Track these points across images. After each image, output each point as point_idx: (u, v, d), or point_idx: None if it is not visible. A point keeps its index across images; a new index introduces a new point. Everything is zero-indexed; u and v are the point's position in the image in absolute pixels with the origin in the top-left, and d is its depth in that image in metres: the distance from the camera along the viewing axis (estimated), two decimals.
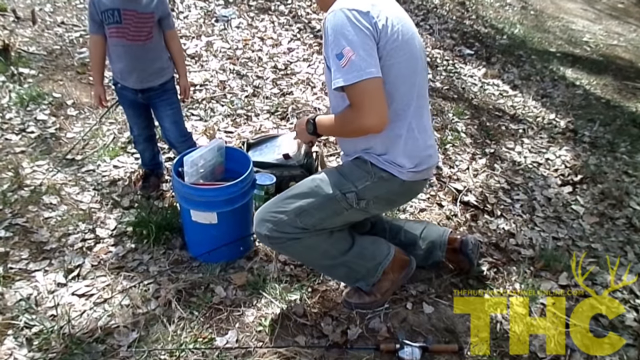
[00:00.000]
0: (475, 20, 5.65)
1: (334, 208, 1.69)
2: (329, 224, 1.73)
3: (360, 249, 1.83)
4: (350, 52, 1.47)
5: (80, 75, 3.44)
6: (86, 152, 2.77)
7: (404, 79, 1.61)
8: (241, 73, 3.72)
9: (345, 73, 1.48)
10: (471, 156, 3.15)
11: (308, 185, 1.72)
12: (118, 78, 2.24)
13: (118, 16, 2.05)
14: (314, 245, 1.74)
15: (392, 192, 1.72)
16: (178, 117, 2.38)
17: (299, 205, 1.67)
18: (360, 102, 1.52)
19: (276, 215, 1.68)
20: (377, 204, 1.73)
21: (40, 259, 2.07)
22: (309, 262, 1.81)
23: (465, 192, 2.75)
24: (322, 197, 1.68)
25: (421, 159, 1.70)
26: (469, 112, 3.68)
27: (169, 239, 2.21)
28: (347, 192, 1.67)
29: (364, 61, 1.48)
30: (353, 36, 1.48)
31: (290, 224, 1.67)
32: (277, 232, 1.68)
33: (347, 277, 1.89)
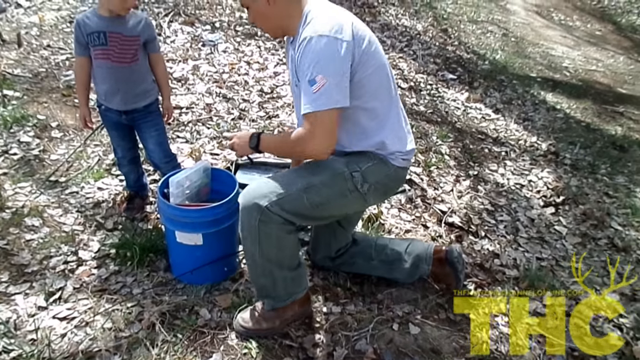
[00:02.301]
0: (457, 46, 5.79)
1: (340, 186, 1.71)
2: (330, 208, 1.75)
3: (299, 273, 1.85)
4: (323, 79, 1.55)
5: (66, 98, 3.44)
6: (70, 174, 2.75)
7: (381, 81, 1.74)
8: (227, 96, 3.75)
9: (314, 100, 1.56)
10: (455, 178, 3.20)
11: (317, 162, 1.73)
12: (102, 100, 2.25)
13: (104, 38, 2.08)
14: (288, 245, 1.73)
15: (389, 177, 1.80)
16: (162, 139, 2.38)
17: (308, 180, 1.68)
18: (315, 130, 1.61)
19: (281, 190, 1.65)
20: (376, 192, 1.79)
21: (20, 282, 2.03)
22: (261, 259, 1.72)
23: (450, 213, 2.78)
24: (330, 173, 1.71)
25: (407, 145, 1.83)
26: (453, 135, 3.75)
27: (153, 261, 2.19)
28: (354, 172, 1.73)
29: (334, 90, 1.57)
30: (329, 64, 1.56)
31: (296, 200, 1.65)
32: (277, 208, 1.63)
33: (263, 289, 1.84)
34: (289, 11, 1.69)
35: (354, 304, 2.05)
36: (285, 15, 1.70)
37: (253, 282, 1.89)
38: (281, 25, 1.74)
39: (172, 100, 3.48)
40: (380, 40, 5.24)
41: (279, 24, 1.73)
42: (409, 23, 6.04)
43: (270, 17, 1.71)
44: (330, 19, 1.60)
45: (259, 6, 1.69)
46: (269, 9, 1.68)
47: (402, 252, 2.09)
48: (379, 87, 1.72)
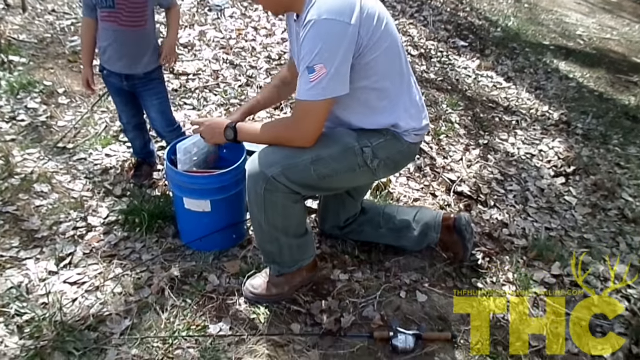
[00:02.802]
0: (469, 13, 5.65)
1: (349, 161, 1.68)
2: (338, 181, 1.72)
3: (305, 241, 1.84)
4: (323, 69, 1.47)
5: (72, 64, 3.40)
6: (78, 141, 2.74)
7: (393, 60, 1.65)
8: (235, 63, 3.69)
9: (310, 89, 1.51)
10: (465, 147, 3.16)
11: (328, 136, 1.68)
12: (105, 63, 2.21)
13: (112, 1, 2.03)
14: (294, 214, 1.72)
15: (401, 152, 1.76)
16: (165, 107, 2.34)
17: (317, 153, 1.63)
18: (304, 118, 1.58)
19: (288, 160, 1.61)
20: (386, 167, 1.76)
21: (31, 247, 2.05)
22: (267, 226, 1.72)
23: (459, 183, 2.75)
24: (341, 147, 1.66)
25: (422, 122, 1.77)
26: (463, 104, 3.69)
27: (162, 228, 2.19)
28: (365, 147, 1.68)
29: (333, 80, 1.50)
30: (331, 53, 1.47)
31: (303, 171, 1.62)
32: (283, 177, 1.61)
33: (270, 255, 1.84)
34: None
35: (362, 271, 2.06)
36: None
37: (260, 247, 1.90)
38: (285, 3, 1.63)
39: (179, 66, 3.47)
40: (390, 5, 5.17)
41: (282, 2, 1.63)
42: None
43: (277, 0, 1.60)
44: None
45: None
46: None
47: (410, 220, 2.08)
48: (389, 67, 1.65)
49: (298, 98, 1.55)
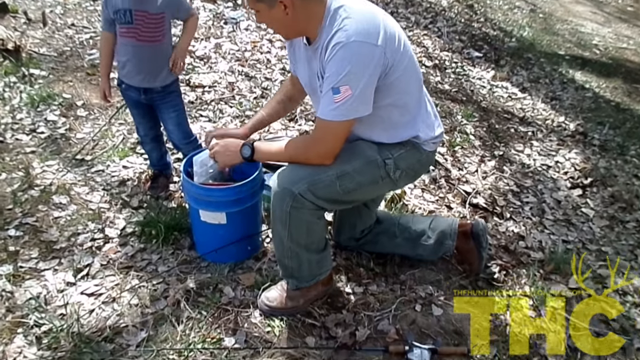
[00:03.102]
0: (483, 23, 5.64)
1: (372, 174, 1.69)
2: (362, 193, 1.73)
3: (324, 255, 1.84)
4: (349, 91, 1.48)
5: (90, 77, 3.46)
6: (96, 153, 2.78)
7: (412, 75, 1.67)
8: (250, 75, 3.73)
9: (334, 109, 1.51)
10: (480, 158, 3.14)
11: (350, 150, 1.68)
12: (123, 77, 2.25)
13: (130, 16, 2.07)
14: (317, 230, 1.73)
15: (420, 161, 1.78)
16: (182, 120, 2.37)
17: (342, 168, 1.64)
18: (325, 138, 1.59)
19: (314, 176, 1.62)
20: (406, 177, 1.78)
21: (49, 258, 2.07)
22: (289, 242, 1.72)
23: (475, 194, 2.74)
24: (365, 161, 1.68)
25: (436, 130, 1.80)
26: (478, 115, 3.67)
27: (178, 239, 2.21)
28: (387, 159, 1.69)
29: (356, 101, 1.51)
30: (358, 75, 1.48)
31: (328, 187, 1.63)
32: (309, 194, 1.61)
33: (288, 269, 1.83)
34: (309, 14, 1.55)
35: (377, 284, 2.05)
36: (304, 18, 1.56)
37: (279, 262, 1.90)
38: (299, 29, 1.62)
39: (195, 78, 3.51)
40: (404, 17, 5.18)
41: (296, 29, 1.61)
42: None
43: (288, 23, 1.58)
44: (363, 19, 1.50)
45: (274, 13, 1.54)
46: (286, 17, 1.54)
47: (425, 229, 2.08)
48: (409, 83, 1.66)
49: (320, 117, 1.56)
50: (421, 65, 4.30)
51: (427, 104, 1.79)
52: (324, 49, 1.54)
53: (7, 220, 2.23)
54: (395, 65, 1.56)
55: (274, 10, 1.53)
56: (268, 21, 1.62)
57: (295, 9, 1.52)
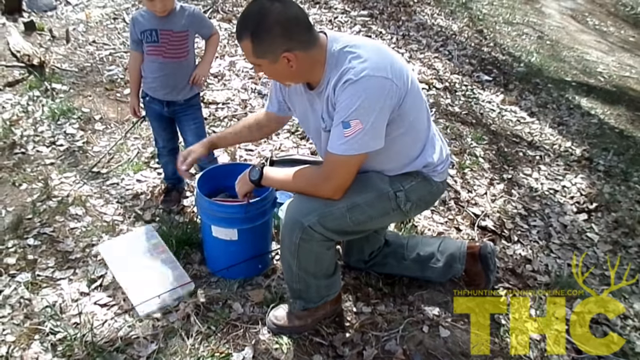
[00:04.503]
0: (493, 48, 5.67)
1: (383, 206, 1.67)
2: (372, 224, 1.72)
3: (333, 279, 1.82)
4: (359, 125, 1.45)
5: (108, 92, 3.52)
6: (111, 166, 2.82)
7: (421, 104, 1.67)
8: (262, 92, 3.76)
9: (344, 143, 1.49)
10: (489, 181, 3.15)
11: (361, 182, 1.65)
12: (149, 90, 2.32)
13: (156, 36, 2.15)
14: (326, 259, 1.72)
15: (431, 193, 1.76)
16: (201, 132, 2.42)
17: (352, 200, 1.61)
18: (335, 172, 1.56)
19: (325, 209, 1.59)
20: (417, 208, 1.77)
21: (65, 268, 2.10)
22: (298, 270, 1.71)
23: (483, 217, 2.74)
24: (376, 193, 1.65)
25: (443, 153, 1.79)
26: (487, 138, 3.68)
27: (189, 254, 2.22)
28: (398, 191, 1.67)
29: (368, 135, 1.48)
30: (369, 110, 1.46)
31: (338, 219, 1.60)
32: (319, 226, 1.59)
33: (297, 291, 1.82)
34: (312, 62, 1.53)
35: (385, 304, 2.04)
36: (308, 67, 1.53)
37: (287, 285, 1.89)
38: (301, 78, 1.60)
39: (209, 95, 3.55)
40: (415, 39, 5.25)
41: (299, 78, 1.60)
42: (444, 23, 5.94)
43: (291, 74, 1.55)
44: (371, 54, 1.49)
45: (277, 67, 1.51)
46: (290, 69, 1.51)
47: (434, 251, 2.07)
48: (419, 112, 1.66)
49: (330, 151, 1.53)
50: (432, 87, 4.33)
51: (433, 129, 1.79)
52: (331, 91, 1.52)
53: (26, 230, 2.27)
54: (406, 96, 1.54)
55: (277, 65, 1.50)
56: (269, 73, 1.59)
57: (298, 60, 1.49)
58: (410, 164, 1.71)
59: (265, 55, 1.49)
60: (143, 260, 2.09)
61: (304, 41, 1.50)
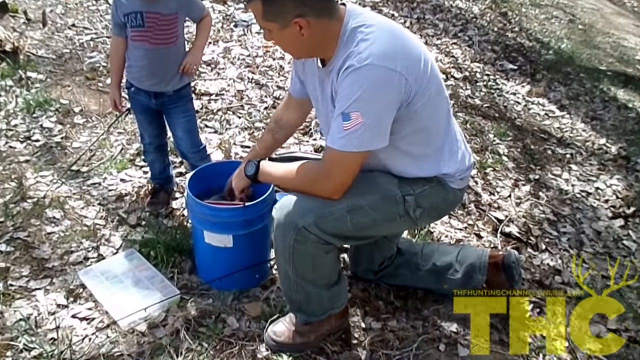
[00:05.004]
0: (518, 33, 5.67)
1: (389, 211, 1.66)
2: (375, 230, 1.72)
3: (337, 289, 1.82)
4: (360, 118, 1.45)
5: (90, 81, 3.53)
6: (92, 164, 2.83)
7: (438, 103, 1.66)
8: (260, 82, 3.77)
9: (342, 137, 1.49)
10: (514, 182, 3.15)
11: (366, 181, 1.65)
12: (134, 80, 2.31)
13: (141, 19, 2.13)
14: (326, 264, 1.72)
15: (445, 201, 1.76)
16: (192, 126, 2.42)
17: (354, 201, 1.61)
18: (333, 170, 1.56)
19: (322, 208, 1.59)
20: (428, 216, 1.76)
21: (41, 277, 2.10)
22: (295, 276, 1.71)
23: (507, 222, 2.74)
24: (381, 195, 1.65)
25: (466, 162, 1.77)
26: (512, 133, 3.68)
27: (178, 262, 2.23)
28: (407, 195, 1.67)
29: (369, 132, 1.49)
30: (371, 102, 1.46)
31: (337, 221, 1.60)
32: (315, 228, 1.59)
33: (296, 303, 1.82)
34: (325, 33, 1.54)
35: (397, 319, 2.04)
36: (320, 38, 1.54)
37: (285, 295, 1.90)
38: (313, 50, 1.61)
39: (200, 85, 3.56)
40: (431, 23, 5.23)
41: (310, 49, 1.61)
42: (463, 5, 5.94)
43: (302, 43, 1.56)
44: (382, 41, 1.49)
45: (287, 34, 1.52)
46: (301, 37, 1.52)
47: (452, 261, 2.06)
48: (436, 112, 1.64)
49: (329, 145, 1.55)
50: (450, 77, 4.33)
51: (455, 131, 1.77)
52: (336, 72, 1.53)
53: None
54: (420, 92, 1.53)
55: (287, 30, 1.51)
56: (279, 41, 1.60)
57: (311, 28, 1.50)
58: (420, 169, 1.70)
59: (276, 19, 1.51)
60: (124, 280, 2.10)
61: (319, 8, 1.50)
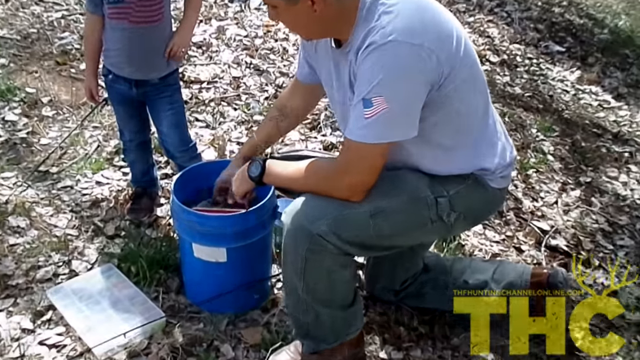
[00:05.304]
0: (567, 8, 5.65)
1: (419, 215, 1.67)
2: (402, 239, 1.73)
3: (352, 312, 1.83)
4: (384, 104, 1.46)
5: (60, 66, 3.57)
6: (63, 164, 2.86)
7: (474, 87, 1.67)
8: (260, 68, 3.79)
9: (364, 127, 1.50)
10: (561, 186, 3.15)
11: (391, 180, 1.66)
12: (112, 66, 2.33)
13: None
14: (342, 281, 1.73)
15: (484, 202, 1.78)
16: (179, 120, 2.44)
17: (377, 203, 1.61)
18: (354, 166, 1.57)
19: (340, 212, 1.60)
20: (464, 221, 1.78)
21: (3, 297, 2.13)
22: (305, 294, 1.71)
23: (553, 234, 2.74)
24: (408, 197, 1.65)
25: (507, 156, 1.78)
26: (559, 128, 3.68)
27: (163, 280, 2.25)
28: (440, 197, 1.67)
29: (395, 120, 1.50)
30: (398, 85, 1.47)
31: (358, 228, 1.61)
32: (332, 235, 1.59)
33: (304, 327, 1.83)
34: (341, 10, 1.55)
35: (421, 348, 2.05)
36: (335, 15, 1.56)
37: (291, 317, 1.91)
38: (326, 29, 1.63)
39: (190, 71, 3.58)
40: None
41: (323, 29, 1.63)
42: None
43: (314, 21, 1.58)
44: (407, 13, 1.49)
45: (297, 11, 1.53)
46: (313, 14, 1.53)
47: (487, 279, 2.07)
48: (470, 95, 1.65)
49: (348, 137, 1.56)
50: (485, 60, 4.32)
51: (493, 120, 1.79)
52: (354, 53, 1.54)
53: None
54: (454, 72, 1.54)
55: (296, 6, 1.53)
56: (286, 19, 1.63)
57: (325, 4, 1.51)
58: (455, 164, 1.71)
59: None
60: (101, 301, 2.12)
61: None
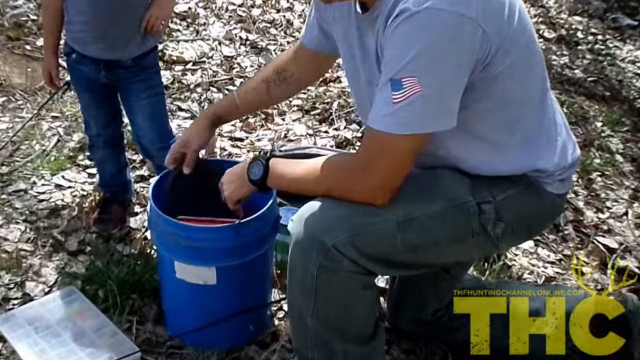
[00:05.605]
0: None
1: (458, 226, 1.66)
2: (436, 255, 1.72)
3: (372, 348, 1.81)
4: (416, 86, 1.44)
5: (13, 43, 3.59)
6: (16, 162, 2.87)
7: (530, 68, 1.66)
8: (258, 45, 3.81)
9: (391, 115, 1.48)
10: (632, 193, 3.16)
11: (424, 181, 1.68)
12: (75, 43, 2.33)
13: None
14: (360, 306, 1.71)
15: (539, 211, 1.76)
16: (158, 110, 2.45)
17: (406, 210, 1.60)
18: (377, 162, 1.55)
19: (359, 219, 1.59)
20: (513, 235, 1.76)
21: None
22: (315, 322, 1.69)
23: (622, 253, 2.74)
24: (445, 202, 1.64)
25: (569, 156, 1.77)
26: (629, 121, 3.69)
27: (138, 307, 2.24)
28: (483, 203, 1.66)
29: (429, 106, 1.47)
30: (434, 63, 1.46)
31: (383, 239, 1.59)
32: (351, 248, 1.57)
33: None
34: None
35: None
36: None
37: (297, 354, 1.89)
38: None
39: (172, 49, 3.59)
40: None
41: None
42: None
43: None
44: None
45: None
46: None
47: (539, 308, 2.08)
48: (524, 79, 1.64)
49: (371, 126, 1.54)
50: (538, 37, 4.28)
51: (554, 110, 1.78)
52: (383, 20, 1.53)
53: None
54: (504, 49, 1.52)
55: None
56: None
57: None
58: (505, 164, 1.70)
59: None
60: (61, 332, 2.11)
61: None
